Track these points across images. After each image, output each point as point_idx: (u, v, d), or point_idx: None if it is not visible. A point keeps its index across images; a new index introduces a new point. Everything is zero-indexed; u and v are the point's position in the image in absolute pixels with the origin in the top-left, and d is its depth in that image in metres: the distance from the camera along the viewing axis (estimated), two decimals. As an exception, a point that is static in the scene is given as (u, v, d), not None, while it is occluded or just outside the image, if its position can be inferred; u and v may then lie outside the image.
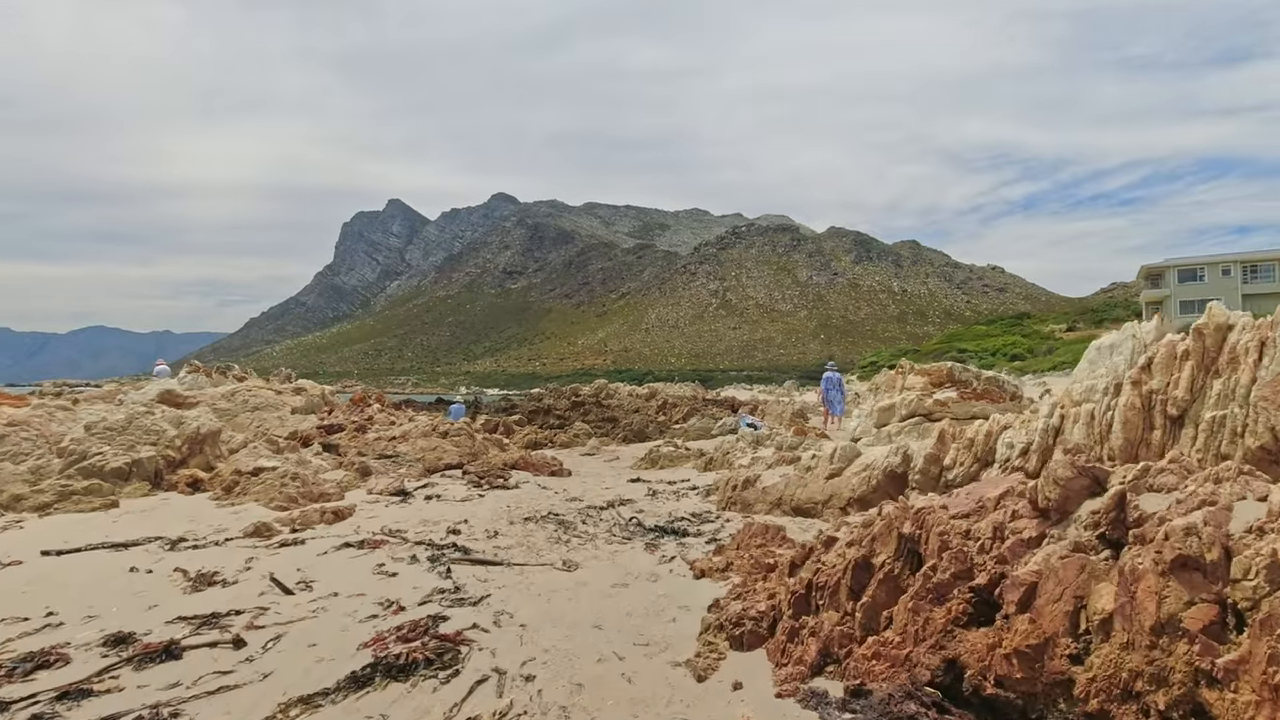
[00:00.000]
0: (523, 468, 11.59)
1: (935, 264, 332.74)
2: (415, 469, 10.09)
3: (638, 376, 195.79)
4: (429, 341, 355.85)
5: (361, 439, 12.35)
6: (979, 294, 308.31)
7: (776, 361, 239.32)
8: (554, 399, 75.46)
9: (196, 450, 8.26)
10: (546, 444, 18.25)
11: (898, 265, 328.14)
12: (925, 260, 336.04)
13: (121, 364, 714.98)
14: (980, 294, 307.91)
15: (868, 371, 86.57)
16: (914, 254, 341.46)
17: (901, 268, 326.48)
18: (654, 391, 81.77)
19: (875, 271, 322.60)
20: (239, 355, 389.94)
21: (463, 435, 12.53)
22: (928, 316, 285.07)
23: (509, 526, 6.87)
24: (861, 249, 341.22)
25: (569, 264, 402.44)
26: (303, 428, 13.04)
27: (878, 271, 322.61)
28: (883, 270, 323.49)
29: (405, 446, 11.74)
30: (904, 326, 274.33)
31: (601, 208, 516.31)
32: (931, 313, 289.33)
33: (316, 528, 6.44)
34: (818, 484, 6.62)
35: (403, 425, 13.05)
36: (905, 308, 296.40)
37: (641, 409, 46.22)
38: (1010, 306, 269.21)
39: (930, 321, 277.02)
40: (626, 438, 20.88)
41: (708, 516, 7.28)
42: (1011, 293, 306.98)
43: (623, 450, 17.08)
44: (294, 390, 14.25)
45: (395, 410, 14.14)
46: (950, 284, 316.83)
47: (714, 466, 10.98)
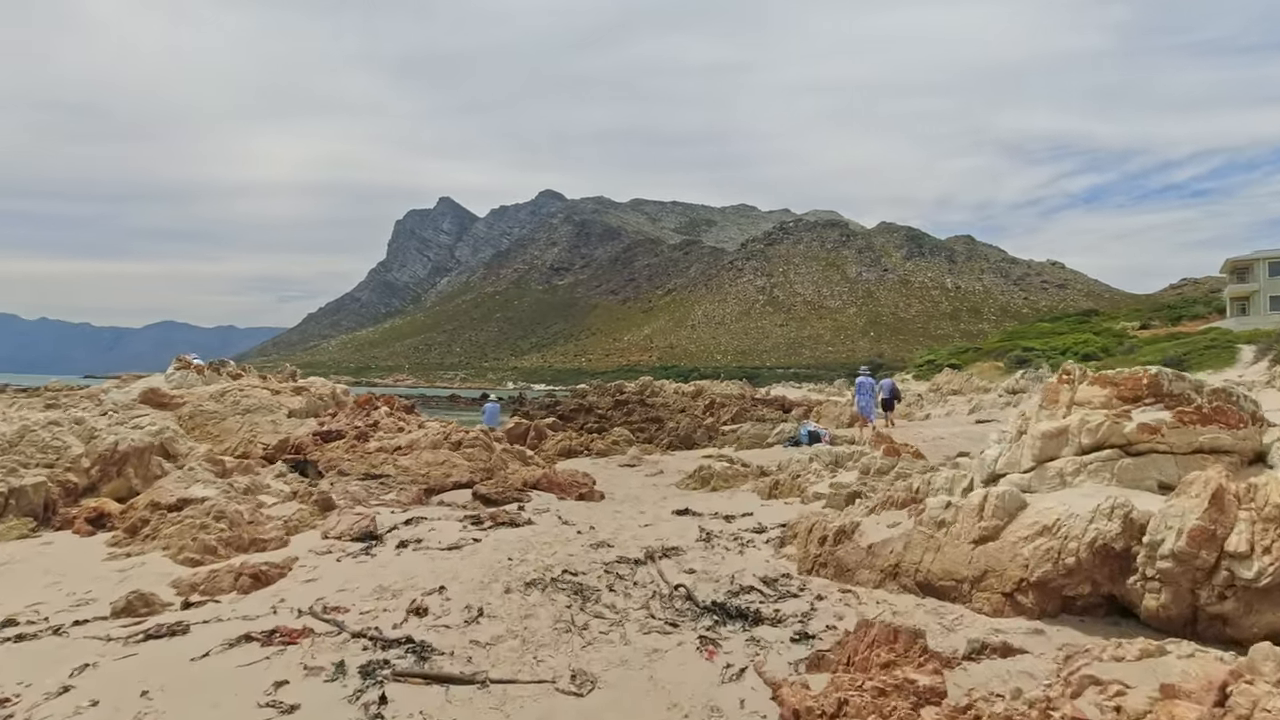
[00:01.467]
0: (546, 488, 9.55)
1: (990, 260, 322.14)
2: (408, 493, 8.10)
3: (683, 373, 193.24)
4: (477, 337, 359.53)
5: (360, 448, 10.50)
6: (1037, 290, 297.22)
7: (824, 359, 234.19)
8: (597, 396, 73.57)
9: (113, 473, 6.41)
10: (581, 451, 16.22)
11: (951, 261, 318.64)
12: (980, 256, 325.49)
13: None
14: (1039, 290, 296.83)
15: (924, 370, 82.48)
16: (968, 249, 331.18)
17: (955, 264, 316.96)
18: (700, 389, 79.28)
19: (927, 267, 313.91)
20: (297, 350, 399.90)
21: (477, 447, 10.56)
22: (982, 314, 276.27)
23: (503, 597, 4.77)
24: (913, 244, 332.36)
25: (615, 260, 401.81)
26: (298, 433, 11.26)
27: (930, 267, 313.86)
28: (935, 266, 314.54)
29: (408, 460, 9.82)
30: (957, 324, 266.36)
31: (648, 204, 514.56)
32: (986, 310, 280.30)
33: (223, 599, 4.47)
34: (960, 549, 4.36)
35: (410, 433, 11.15)
36: (959, 304, 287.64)
37: (688, 408, 43.84)
38: (1071, 303, 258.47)
39: (985, 319, 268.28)
40: (672, 443, 18.73)
41: (787, 584, 5.06)
42: (1072, 289, 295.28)
43: (668, 461, 14.92)
44: (294, 390, 12.49)
45: (405, 414, 12.23)
46: (1006, 280, 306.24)
47: (780, 492, 8.76)
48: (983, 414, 28.72)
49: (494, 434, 12.08)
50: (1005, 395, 29.92)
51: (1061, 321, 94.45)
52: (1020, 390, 29.74)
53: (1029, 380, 30.16)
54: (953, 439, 18.59)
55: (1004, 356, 71.02)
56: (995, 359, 72.22)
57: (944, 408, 33.78)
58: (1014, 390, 30.09)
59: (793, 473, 9.01)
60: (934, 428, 23.56)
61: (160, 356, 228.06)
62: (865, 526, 5.30)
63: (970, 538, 4.34)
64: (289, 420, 11.66)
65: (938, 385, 48.59)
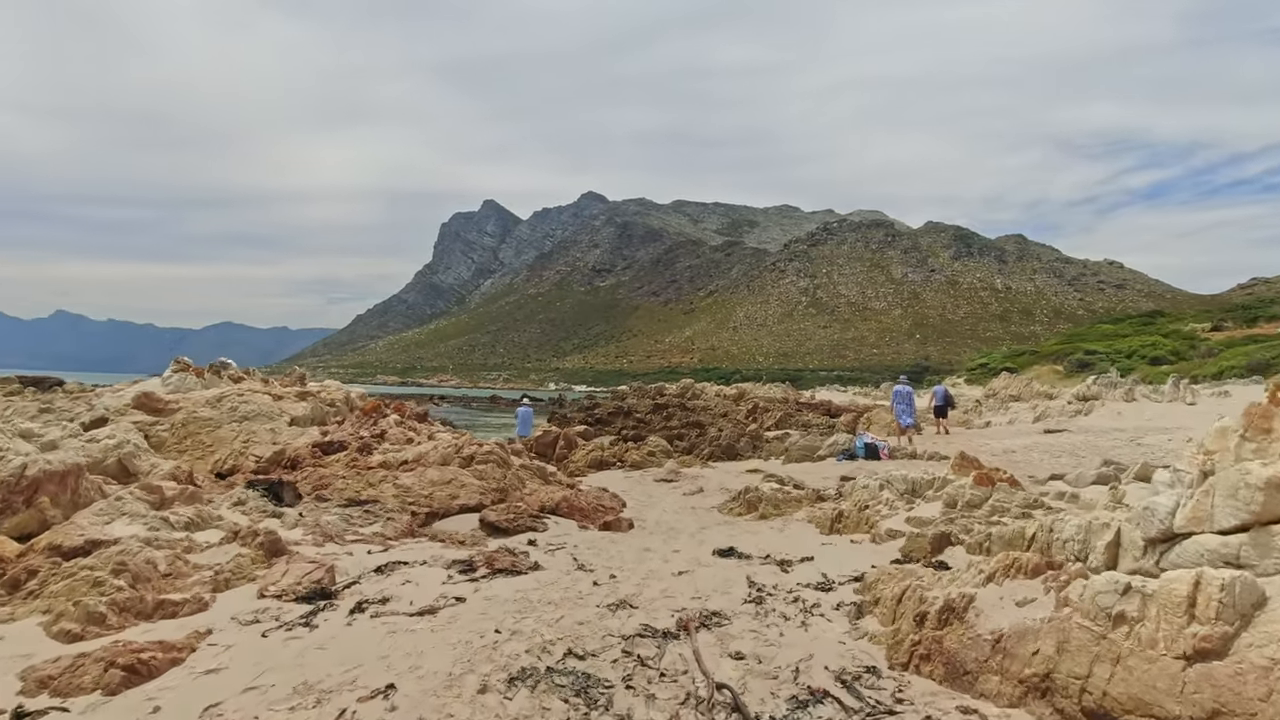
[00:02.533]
0: (566, 513, 8.18)
1: (1043, 259, 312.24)
2: (397, 524, 6.77)
3: (724, 375, 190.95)
4: (520, 338, 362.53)
5: (361, 463, 9.28)
6: (1093, 291, 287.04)
7: (868, 362, 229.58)
8: (636, 399, 72.28)
9: (18, 503, 5.23)
10: (614, 463, 14.83)
11: (1001, 261, 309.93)
12: (1032, 255, 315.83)
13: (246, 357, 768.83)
14: (1095, 291, 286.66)
15: (977, 374, 79.11)
16: (1019, 249, 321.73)
17: (1005, 264, 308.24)
18: (742, 393, 77.45)
19: (976, 268, 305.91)
20: (346, 350, 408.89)
21: (491, 463, 9.24)
22: (1034, 315, 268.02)
23: (473, 704, 3.38)
24: (961, 244, 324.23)
25: (657, 262, 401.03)
26: (297, 444, 10.12)
27: (979, 268, 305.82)
28: (984, 266, 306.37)
29: (410, 478, 8.54)
30: (1008, 326, 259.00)
31: (690, 205, 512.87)
32: (1039, 311, 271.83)
33: (76, 703, 3.18)
34: (1159, 665, 2.83)
35: (418, 445, 9.90)
36: (1009, 306, 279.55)
37: (729, 412, 42.10)
38: (1130, 304, 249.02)
39: (1037, 321, 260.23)
40: (713, 454, 17.21)
41: (875, 688, 3.57)
42: (1131, 289, 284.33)
43: (708, 475, 13.43)
44: (298, 396, 11.37)
45: (417, 423, 10.99)
46: (1060, 280, 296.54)
47: (845, 527, 7.22)
48: (1050, 422, 26.51)
49: (512, 446, 10.76)
50: (1075, 402, 27.60)
51: (1124, 323, 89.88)
52: (1092, 397, 27.41)
53: (1102, 386, 27.80)
54: (1027, 454, 16.69)
55: (1064, 360, 67.60)
56: (1054, 362, 68.82)
57: (1005, 415, 31.52)
58: (1084, 397, 27.75)
59: (858, 502, 7.45)
60: (1000, 438, 21.56)
61: (219, 356, 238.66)
62: (983, 603, 3.76)
63: (1177, 649, 2.80)
64: (289, 429, 10.53)
65: (995, 390, 45.95)
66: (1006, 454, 16.57)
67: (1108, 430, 21.53)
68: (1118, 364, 58.04)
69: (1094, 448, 17.12)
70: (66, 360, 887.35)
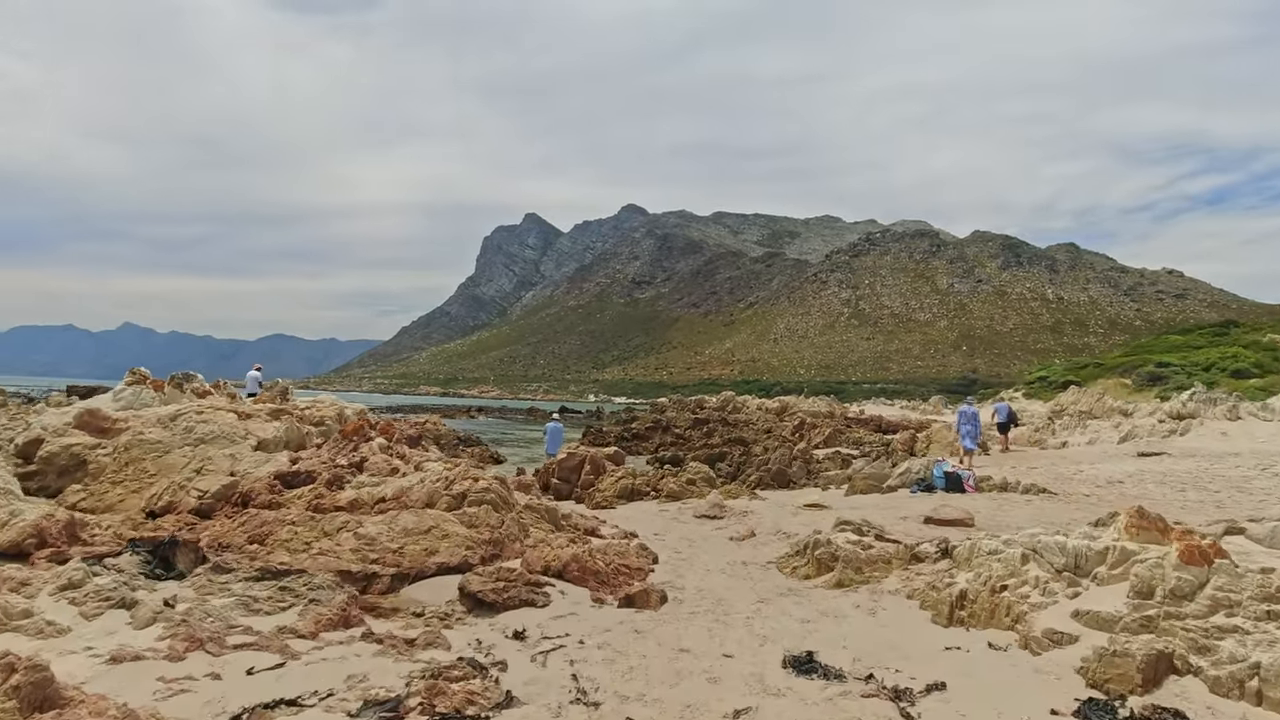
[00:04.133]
0: (576, 577, 6.08)
1: (1097, 268, 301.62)
2: (325, 608, 4.70)
3: (765, 388, 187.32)
4: (560, 350, 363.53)
5: (328, 501, 7.33)
6: (1151, 301, 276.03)
7: (913, 374, 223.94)
8: (675, 411, 69.73)
9: None
10: (647, 493, 12.67)
11: (1052, 270, 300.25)
12: (1085, 264, 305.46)
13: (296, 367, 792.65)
14: (1153, 301, 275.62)
15: (1036, 388, 74.84)
16: (1071, 258, 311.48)
17: (1057, 273, 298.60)
18: (785, 406, 74.46)
19: (1026, 278, 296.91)
20: (391, 361, 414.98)
21: (486, 505, 7.17)
22: (1088, 326, 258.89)
23: None
24: (1009, 254, 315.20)
25: (697, 273, 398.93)
26: (258, 473, 8.25)
27: (1028, 278, 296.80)
28: (1034, 276, 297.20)
29: (377, 525, 6.53)
30: (1059, 337, 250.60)
31: (730, 217, 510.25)
32: (1093, 322, 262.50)
33: None
34: None
35: (403, 477, 7.92)
36: (1061, 317, 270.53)
37: (773, 428, 39.53)
38: (1191, 315, 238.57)
39: (1092, 332, 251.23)
40: (762, 480, 14.93)
41: None
42: (1193, 299, 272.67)
43: (759, 511, 11.18)
44: (270, 414, 9.50)
45: (407, 448, 9.00)
46: (1116, 290, 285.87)
47: (974, 616, 4.95)
48: (1141, 444, 23.51)
49: (519, 480, 8.70)
50: (1167, 421, 24.54)
51: (1195, 333, 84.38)
52: (1188, 415, 24.31)
53: (1199, 403, 24.68)
54: (1138, 484, 14.02)
55: (1131, 373, 63.25)
56: (1121, 375, 64.49)
57: (1083, 434, 28.47)
58: (1178, 415, 24.66)
59: (989, 578, 5.16)
60: (1089, 461, 18.78)
61: (271, 366, 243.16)
62: None
63: None
64: (252, 455, 8.67)
65: (1063, 406, 42.49)
66: (1112, 484, 13.97)
67: (1219, 455, 18.63)
68: (1195, 377, 53.86)
69: (1220, 478, 14.40)
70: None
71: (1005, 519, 9.86)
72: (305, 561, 5.89)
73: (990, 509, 10.66)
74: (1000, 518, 9.92)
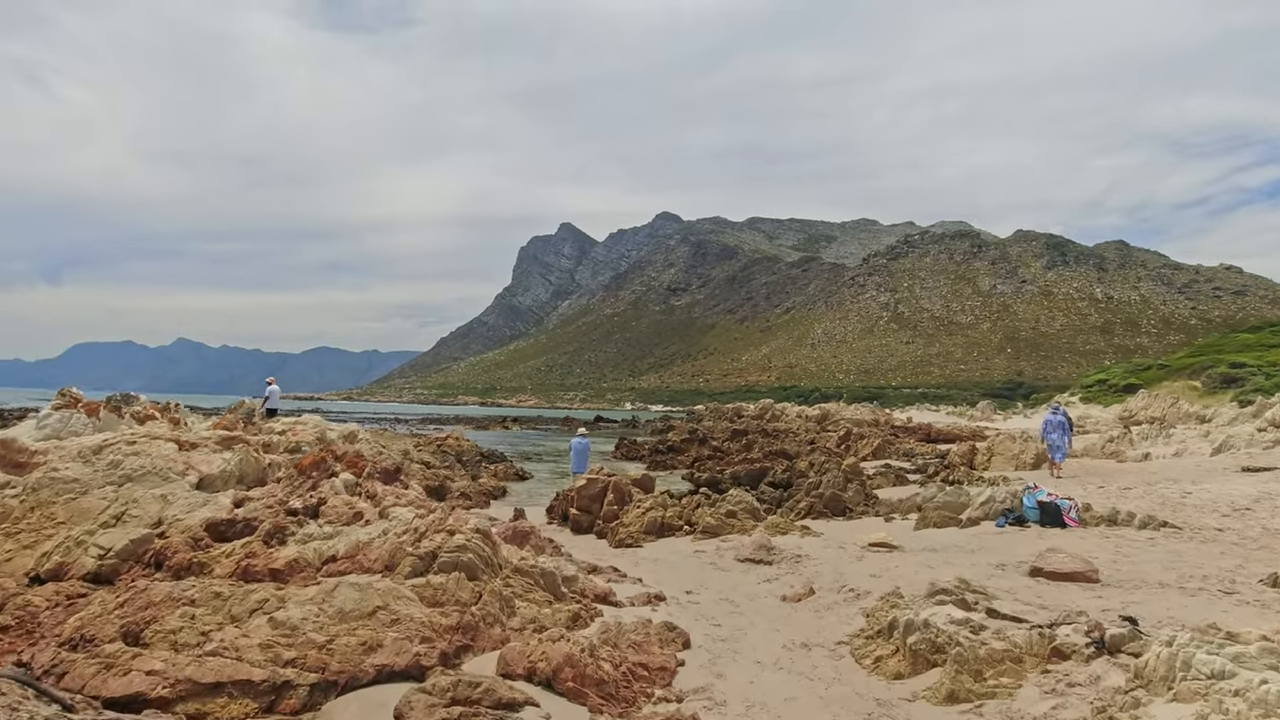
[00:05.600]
0: (572, 689, 4.25)
1: (1149, 266, 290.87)
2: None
3: (804, 394, 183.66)
4: (596, 358, 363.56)
5: (261, 561, 5.63)
6: (1208, 299, 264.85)
7: (955, 378, 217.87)
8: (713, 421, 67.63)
9: None
10: (680, 528, 10.78)
11: (1100, 269, 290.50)
12: (1135, 262, 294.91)
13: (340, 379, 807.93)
14: (1210, 299, 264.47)
15: (1095, 392, 71.02)
16: (1121, 255, 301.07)
17: (1105, 272, 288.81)
18: (826, 414, 71.49)
19: (1072, 277, 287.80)
20: (430, 371, 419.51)
21: (457, 574, 5.37)
22: (1140, 326, 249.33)
23: None
24: (1055, 253, 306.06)
25: (732, 279, 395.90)
26: (188, 521, 6.62)
27: (1075, 277, 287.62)
28: (1082, 275, 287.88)
29: (303, 606, 4.80)
30: (1110, 338, 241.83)
31: (764, 222, 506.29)
32: (1145, 322, 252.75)
33: None
34: None
35: (365, 525, 6.20)
36: (1111, 317, 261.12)
37: (817, 439, 37.20)
38: (1252, 312, 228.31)
39: (1144, 332, 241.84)
40: (813, 507, 12.92)
41: None
42: (1253, 296, 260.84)
43: (814, 550, 9.22)
44: (220, 443, 7.87)
45: (381, 485, 7.25)
46: (1170, 288, 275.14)
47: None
48: (1238, 455, 20.85)
49: (515, 527, 6.86)
50: (1269, 429, 21.83)
51: (1266, 331, 79.40)
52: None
53: (1306, 409, 21.92)
54: (1270, 511, 11.66)
55: (1201, 374, 59.27)
56: (1189, 377, 60.51)
57: (1167, 444, 25.72)
58: (1278, 423, 21.94)
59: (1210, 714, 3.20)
60: (1189, 478, 16.32)
61: (317, 378, 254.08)
62: None
63: None
64: (188, 496, 7.06)
65: (1132, 411, 39.41)
66: (1239, 512, 11.63)
67: (1345, 470, 16.05)
68: (1275, 379, 50.06)
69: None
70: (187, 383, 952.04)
71: (1133, 568, 7.75)
72: (189, 669, 4.15)
73: (1107, 553, 8.53)
74: (1126, 567, 7.80)
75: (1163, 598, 6.50)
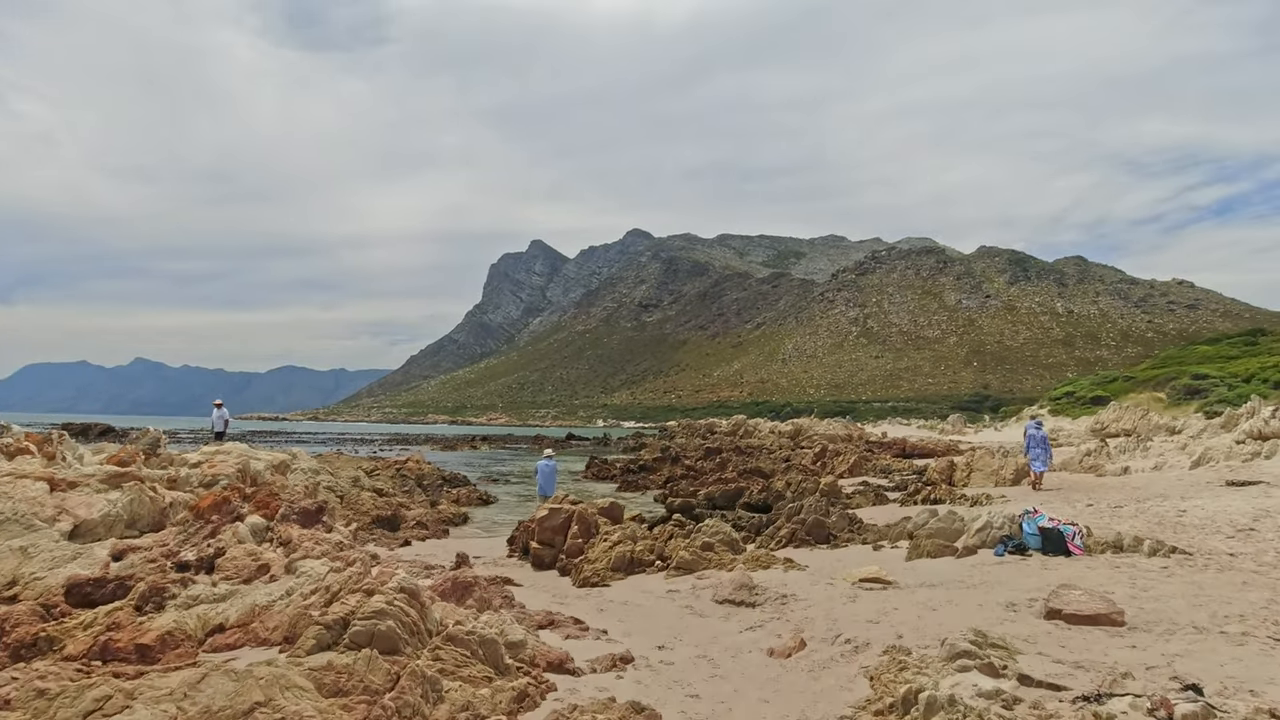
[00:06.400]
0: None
1: (1107, 281, 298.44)
2: None
3: (776, 410, 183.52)
4: (568, 375, 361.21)
5: (127, 635, 4.49)
6: (1163, 312, 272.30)
7: (924, 391, 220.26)
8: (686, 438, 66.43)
9: None
10: (651, 563, 9.76)
11: (1061, 284, 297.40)
12: (1094, 277, 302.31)
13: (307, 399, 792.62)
14: (1165, 312, 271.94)
15: (1063, 404, 71.45)
16: (1080, 271, 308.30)
17: (1066, 286, 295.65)
18: (799, 429, 70.79)
19: (1034, 292, 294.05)
20: (400, 390, 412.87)
21: (372, 650, 4.31)
22: (1100, 339, 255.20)
23: None
24: (1017, 268, 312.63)
25: (703, 296, 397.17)
26: (50, 581, 5.44)
27: (1037, 292, 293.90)
28: (1043, 290, 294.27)
29: (146, 712, 3.74)
30: (1071, 351, 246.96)
31: (735, 238, 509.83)
32: (1105, 335, 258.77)
33: None
34: None
35: (270, 582, 5.11)
36: (1072, 330, 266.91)
37: (792, 457, 36.38)
38: (1205, 325, 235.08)
39: (1104, 345, 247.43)
40: (795, 534, 11.98)
41: None
42: (1205, 309, 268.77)
43: (801, 588, 8.27)
44: (106, 480, 6.70)
45: (296, 530, 6.13)
46: (1127, 302, 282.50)
47: None
48: (1222, 469, 20.39)
49: (455, 578, 5.77)
50: (1248, 441, 21.48)
51: (1224, 343, 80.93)
52: (1272, 434, 21.27)
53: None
54: (1276, 531, 11.00)
55: (1166, 385, 59.91)
56: (1154, 389, 61.15)
57: (1145, 457, 25.32)
58: (1261, 435, 21.59)
59: None
60: (1177, 494, 15.71)
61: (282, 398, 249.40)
62: None
63: None
64: (56, 548, 5.88)
65: (1104, 424, 39.30)
66: (1243, 533, 10.96)
67: (1334, 484, 15.58)
68: (1237, 390, 50.65)
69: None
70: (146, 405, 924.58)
71: (1157, 606, 6.90)
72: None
73: (1123, 586, 7.69)
74: (1150, 605, 6.95)
75: (1207, 647, 5.64)
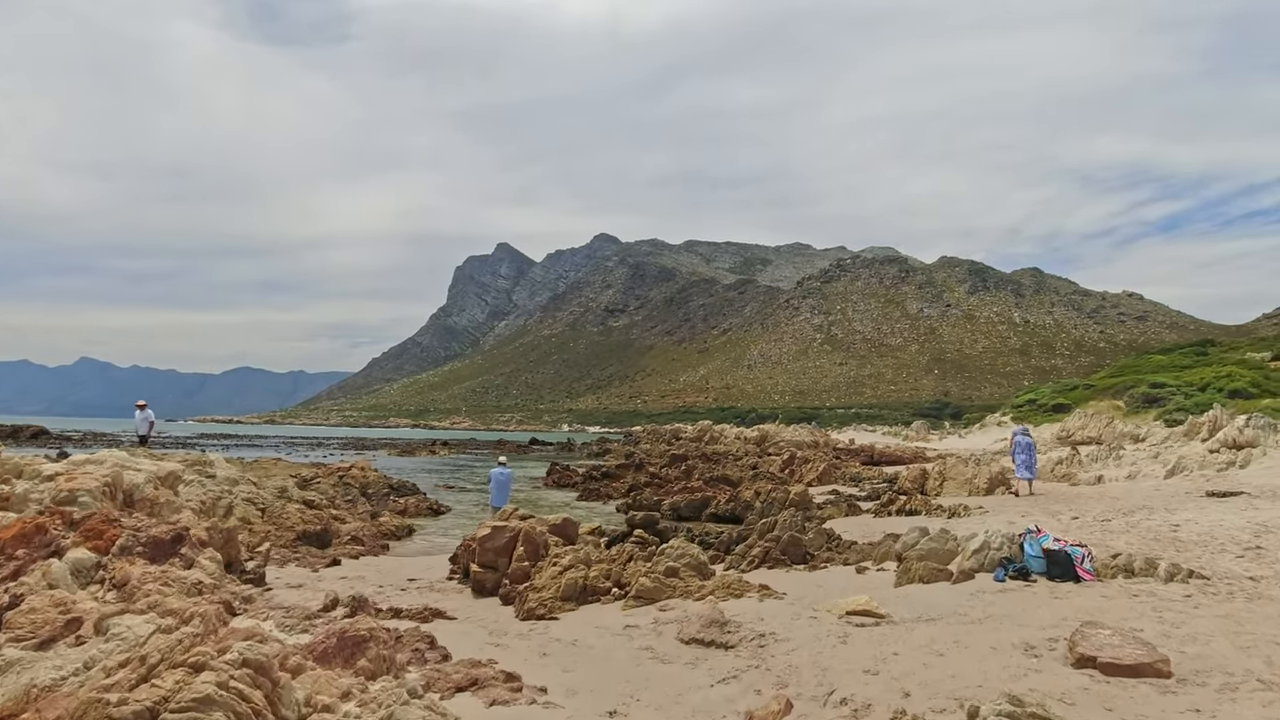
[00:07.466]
0: None
1: (1061, 292, 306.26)
2: None
3: (740, 415, 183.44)
4: (534, 379, 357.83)
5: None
6: (1114, 323, 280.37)
7: (887, 398, 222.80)
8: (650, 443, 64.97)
9: None
10: (606, 591, 8.50)
11: (1018, 295, 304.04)
12: (1049, 289, 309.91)
13: (264, 401, 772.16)
14: (1116, 323, 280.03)
15: (1025, 412, 71.89)
16: (1036, 282, 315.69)
17: (1023, 297, 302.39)
18: (765, 435, 69.85)
19: (992, 302, 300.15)
20: (361, 393, 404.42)
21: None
22: (1055, 348, 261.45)
23: None
24: (976, 278, 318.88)
25: (670, 301, 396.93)
26: None
27: (995, 302, 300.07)
28: (1001, 300, 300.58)
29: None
30: (1028, 360, 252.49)
31: (702, 245, 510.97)
32: (1059, 344, 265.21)
33: None
34: None
35: (79, 646, 3.79)
36: (1029, 339, 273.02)
37: (760, 464, 35.39)
38: (1153, 336, 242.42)
39: (1058, 354, 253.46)
40: (769, 554, 10.82)
41: None
42: (1154, 321, 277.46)
43: (779, 625, 7.09)
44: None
45: (140, 567, 4.75)
46: (1080, 313, 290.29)
47: None
48: (1193, 477, 19.86)
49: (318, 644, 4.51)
50: (1222, 450, 21.04)
51: (1176, 353, 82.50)
52: (1246, 443, 20.86)
53: (1258, 430, 21.23)
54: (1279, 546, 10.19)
55: (1124, 394, 60.55)
56: (1113, 397, 61.79)
57: (1118, 466, 24.83)
58: (1235, 444, 21.17)
59: None
60: (1162, 505, 14.97)
61: (238, 400, 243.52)
62: None
63: None
64: None
65: (1070, 431, 39.09)
66: (1250, 551, 10.12)
67: (1320, 495, 15.02)
68: (1194, 398, 51.23)
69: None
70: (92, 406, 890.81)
71: (1199, 649, 5.85)
72: None
73: (1149, 620, 6.66)
74: (1190, 648, 5.90)
75: (1285, 711, 4.57)
